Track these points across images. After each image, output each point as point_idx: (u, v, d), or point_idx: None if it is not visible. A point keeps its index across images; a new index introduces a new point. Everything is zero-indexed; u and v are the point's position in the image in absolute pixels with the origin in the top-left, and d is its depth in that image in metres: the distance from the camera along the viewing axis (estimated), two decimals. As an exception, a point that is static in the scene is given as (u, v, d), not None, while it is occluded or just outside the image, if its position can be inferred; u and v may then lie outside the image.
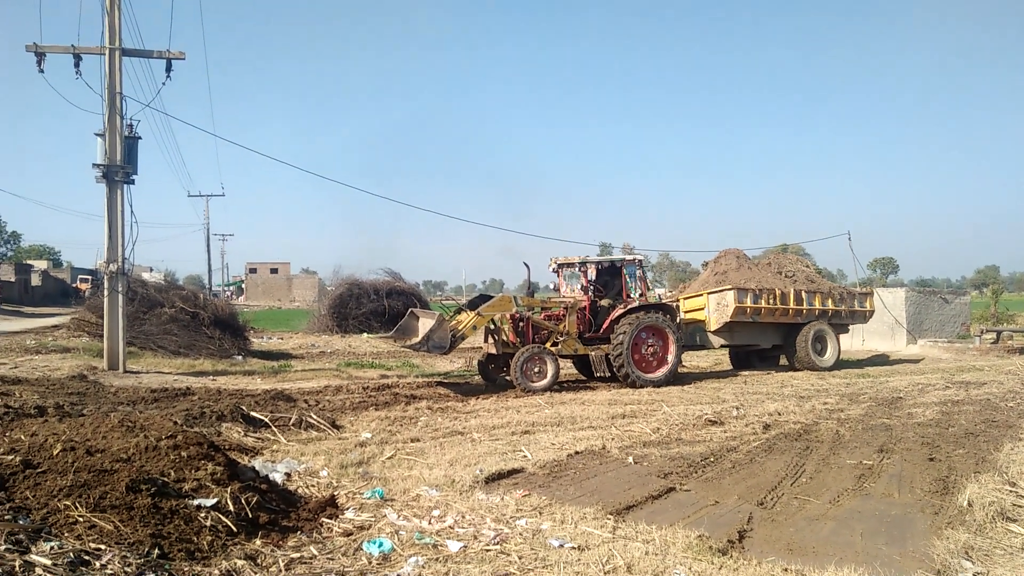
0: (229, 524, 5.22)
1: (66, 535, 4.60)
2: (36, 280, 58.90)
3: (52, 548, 4.31)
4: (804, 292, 18.80)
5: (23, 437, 6.09)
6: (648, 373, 15.40)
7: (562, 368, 15.63)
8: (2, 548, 4.16)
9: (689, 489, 7.42)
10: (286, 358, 21.71)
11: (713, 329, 18.23)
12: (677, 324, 16.22)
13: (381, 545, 5.32)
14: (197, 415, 9.79)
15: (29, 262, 67.44)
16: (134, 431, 6.43)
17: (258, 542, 5.22)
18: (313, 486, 7.12)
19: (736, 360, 20.50)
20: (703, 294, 18.67)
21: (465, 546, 5.39)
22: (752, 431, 10.30)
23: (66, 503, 4.90)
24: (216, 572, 4.58)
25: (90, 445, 5.87)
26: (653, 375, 15.41)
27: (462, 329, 14.44)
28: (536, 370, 14.51)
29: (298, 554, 5.12)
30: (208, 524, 5.12)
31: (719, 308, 18.07)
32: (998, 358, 22.04)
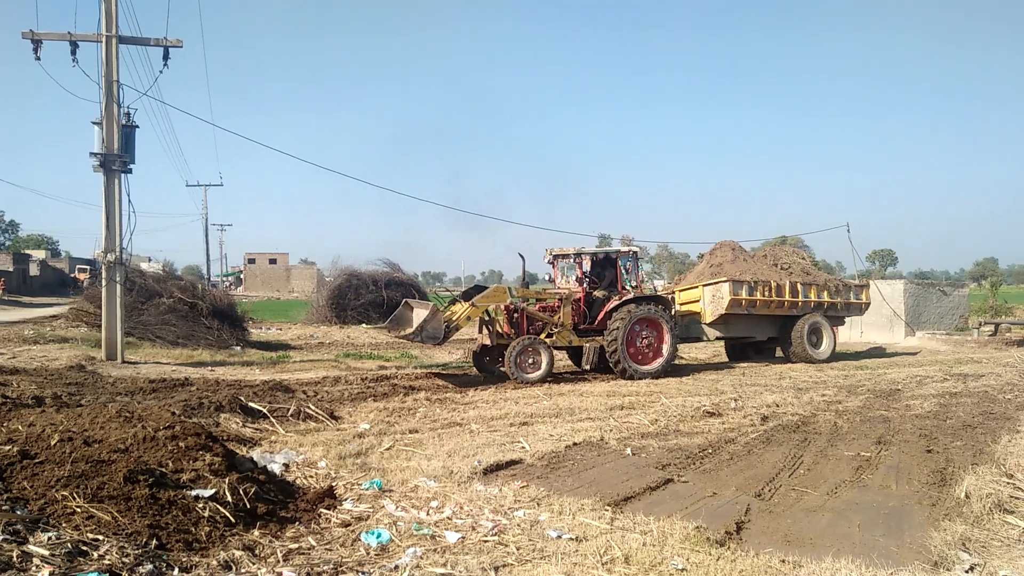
0: (227, 515, 5.22)
1: (64, 526, 4.60)
2: (34, 270, 58.80)
3: (50, 539, 4.32)
4: (799, 284, 18.74)
5: (21, 427, 6.09)
6: (643, 365, 15.41)
7: (557, 359, 15.64)
8: (0, 539, 4.16)
9: (687, 480, 7.44)
10: (284, 349, 21.71)
11: (708, 321, 18.21)
12: (672, 316, 16.21)
13: (379, 536, 5.33)
14: (195, 406, 9.79)
15: (27, 252, 67.30)
16: (132, 422, 6.44)
17: (256, 533, 5.23)
18: (311, 477, 7.12)
19: (732, 352, 20.53)
20: (698, 286, 18.64)
21: (463, 537, 5.40)
22: (750, 423, 10.32)
23: (64, 494, 4.90)
24: (214, 562, 4.59)
25: (88, 436, 5.87)
26: (648, 367, 15.42)
27: (456, 320, 14.45)
28: (530, 361, 14.51)
29: (296, 545, 5.13)
30: (206, 515, 5.13)
31: (714, 300, 18.04)
32: (996, 350, 22.09)
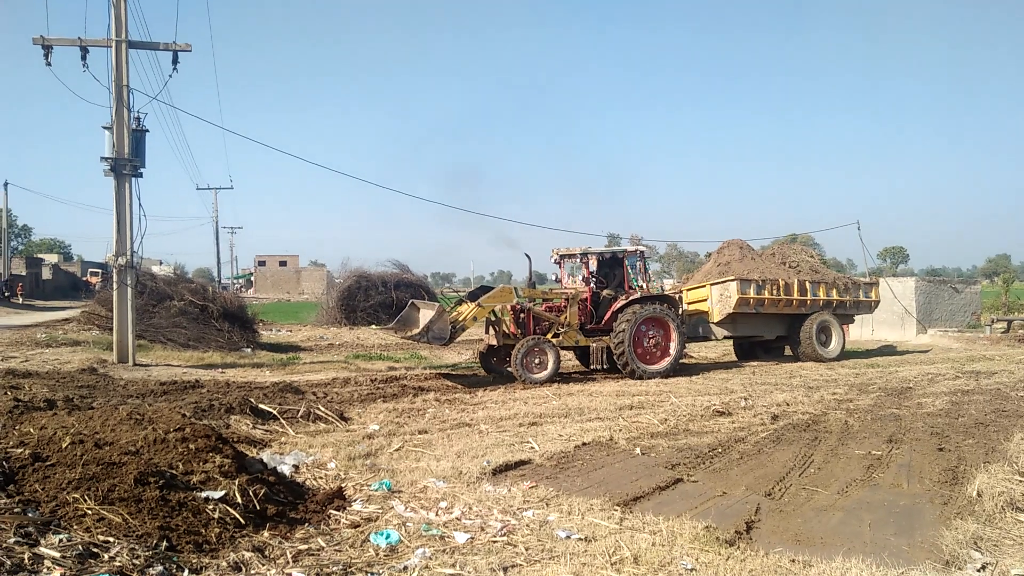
0: (237, 516, 5.25)
1: (75, 528, 4.63)
2: (47, 274, 59.35)
3: (61, 541, 4.35)
4: (808, 282, 18.63)
5: (32, 430, 6.14)
6: (651, 365, 15.37)
7: (564, 359, 15.62)
8: (12, 541, 4.20)
9: (696, 480, 7.41)
10: (295, 350, 21.79)
11: (716, 320, 18.12)
12: (679, 315, 16.16)
13: (388, 537, 5.34)
14: (206, 408, 9.84)
15: (40, 256, 67.93)
16: (143, 424, 6.47)
17: (266, 534, 5.25)
18: (321, 478, 7.14)
19: (740, 351, 20.43)
20: (706, 285, 18.56)
21: (472, 537, 5.41)
22: (760, 422, 10.27)
23: (75, 496, 4.94)
24: (224, 564, 4.61)
25: (99, 438, 5.91)
26: (656, 366, 15.37)
27: (462, 320, 14.47)
28: (537, 361, 14.50)
29: (306, 546, 5.15)
30: (216, 516, 5.15)
31: (722, 299, 17.95)
32: (1008, 347, 21.88)
